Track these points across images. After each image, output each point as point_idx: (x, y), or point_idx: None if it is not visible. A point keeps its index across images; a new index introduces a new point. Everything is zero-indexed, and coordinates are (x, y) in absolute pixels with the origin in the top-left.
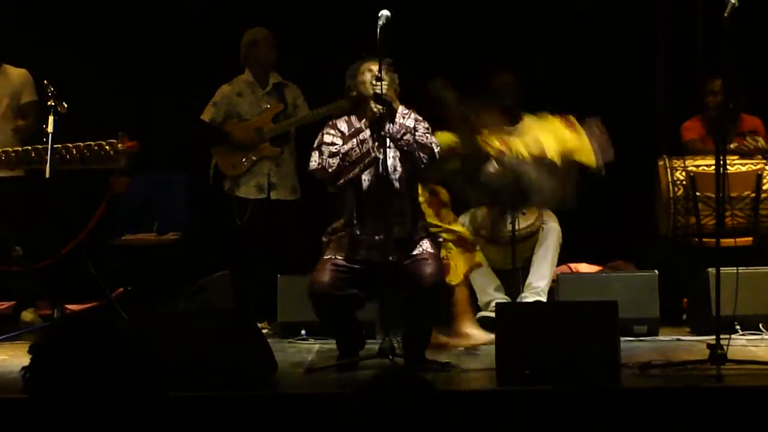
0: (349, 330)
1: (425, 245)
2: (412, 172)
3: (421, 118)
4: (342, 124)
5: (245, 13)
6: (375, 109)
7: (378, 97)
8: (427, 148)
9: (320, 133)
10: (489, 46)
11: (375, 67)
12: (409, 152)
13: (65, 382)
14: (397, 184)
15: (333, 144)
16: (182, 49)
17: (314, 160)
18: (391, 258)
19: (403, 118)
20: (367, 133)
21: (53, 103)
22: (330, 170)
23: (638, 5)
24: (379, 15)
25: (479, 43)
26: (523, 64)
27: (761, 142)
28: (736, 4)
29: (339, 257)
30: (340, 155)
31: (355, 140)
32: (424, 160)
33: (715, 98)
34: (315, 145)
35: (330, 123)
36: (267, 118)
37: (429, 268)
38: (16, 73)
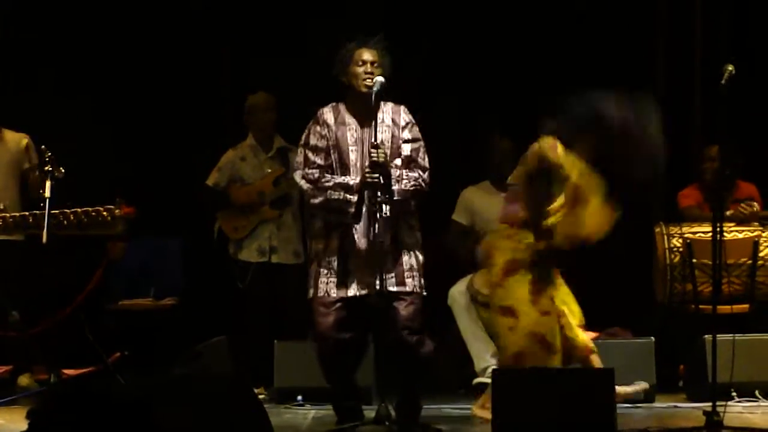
0: (350, 382)
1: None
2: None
3: (411, 124)
4: (328, 115)
5: (250, 76)
6: (370, 179)
7: (374, 165)
8: (417, 194)
9: (306, 129)
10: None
11: (369, 57)
12: (403, 209)
13: None
14: (383, 240)
15: (316, 149)
16: (183, 113)
17: (298, 162)
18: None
19: (396, 127)
20: (354, 198)
21: (50, 168)
22: (306, 188)
23: (636, 73)
24: (375, 80)
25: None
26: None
27: (756, 207)
28: (733, 72)
29: (332, 293)
30: (319, 183)
31: (339, 193)
32: (413, 205)
33: (713, 164)
34: (300, 141)
35: (317, 115)
36: (268, 182)
37: (427, 347)
38: (16, 138)
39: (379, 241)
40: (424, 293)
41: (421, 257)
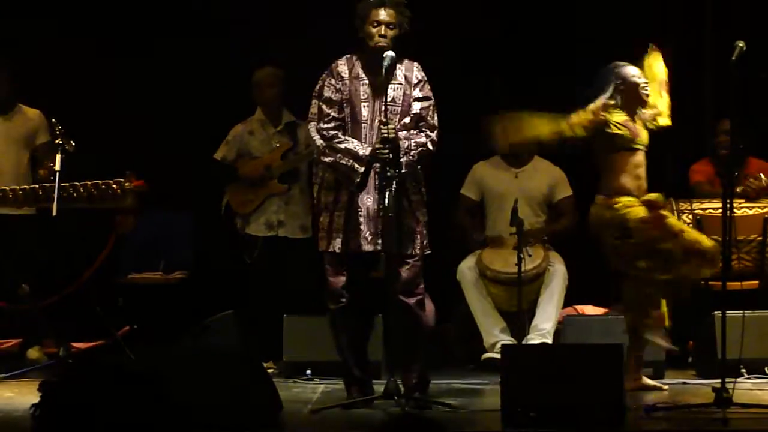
0: (360, 352)
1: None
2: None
3: (423, 82)
4: (342, 68)
5: (261, 52)
6: (381, 155)
7: (385, 141)
8: (424, 158)
9: (320, 80)
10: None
11: (383, 17)
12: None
13: (74, 420)
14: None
15: (330, 102)
16: (194, 86)
17: (312, 114)
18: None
19: (408, 85)
20: (361, 169)
21: (61, 142)
22: (319, 144)
23: (645, 48)
24: (384, 56)
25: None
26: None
27: (764, 180)
28: (744, 48)
29: (337, 249)
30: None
31: (348, 160)
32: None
33: (725, 139)
34: (315, 92)
35: (331, 67)
36: (276, 156)
37: (428, 312)
38: (31, 114)
39: (388, 214)
40: (427, 252)
41: (424, 217)
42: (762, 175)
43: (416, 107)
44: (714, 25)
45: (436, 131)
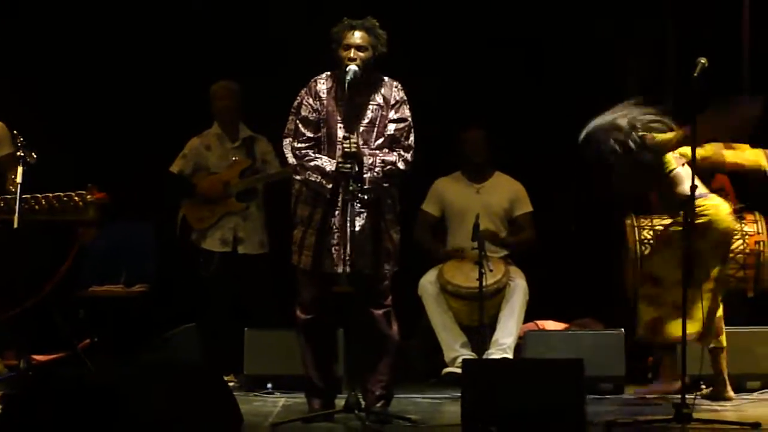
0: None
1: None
2: (379, 212)
3: (400, 104)
4: (321, 86)
5: (221, 64)
6: (344, 168)
7: (347, 156)
8: (393, 177)
9: (299, 96)
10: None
11: (354, 41)
12: (374, 196)
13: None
14: (357, 227)
15: (306, 122)
16: (153, 100)
17: (288, 130)
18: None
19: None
20: (329, 185)
21: (23, 154)
22: (291, 162)
23: (606, 63)
24: (347, 70)
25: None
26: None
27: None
28: (706, 64)
29: (307, 267)
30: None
31: (316, 176)
32: (391, 186)
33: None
34: (293, 108)
35: (310, 85)
36: (234, 173)
37: (394, 326)
38: None
39: (351, 229)
40: (395, 269)
41: (397, 235)
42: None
43: (391, 128)
44: (677, 42)
45: (410, 152)
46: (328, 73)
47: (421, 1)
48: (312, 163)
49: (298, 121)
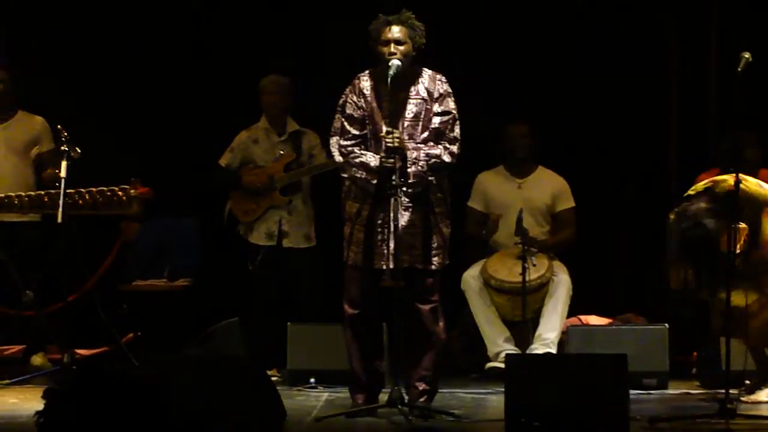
0: (370, 359)
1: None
2: (427, 205)
3: (444, 96)
4: (365, 83)
5: (269, 58)
6: (387, 163)
7: (389, 151)
8: (438, 170)
9: (343, 95)
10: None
11: (393, 35)
12: (421, 189)
13: (79, 428)
14: (404, 222)
15: (351, 120)
16: (199, 94)
17: (335, 128)
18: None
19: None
20: (374, 180)
21: (66, 149)
22: (338, 161)
23: (649, 60)
24: (390, 65)
25: (495, 95)
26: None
27: None
28: (750, 59)
29: (359, 263)
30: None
31: (362, 173)
32: (439, 179)
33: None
34: (338, 106)
35: (354, 82)
36: (279, 167)
37: (441, 322)
38: (34, 121)
39: (395, 224)
40: (447, 262)
41: (447, 229)
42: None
43: (435, 121)
44: (720, 35)
45: (456, 144)
46: (371, 70)
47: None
48: (357, 160)
49: (343, 119)
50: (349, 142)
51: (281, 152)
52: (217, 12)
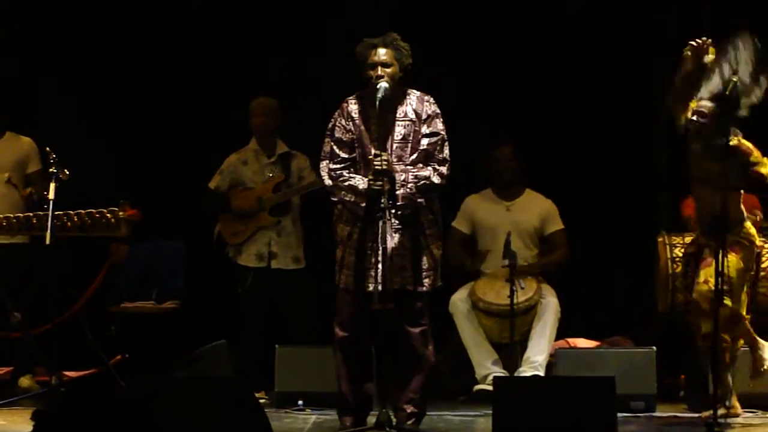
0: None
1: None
2: (418, 227)
3: (432, 117)
4: (353, 107)
5: (258, 81)
6: (375, 186)
7: (377, 173)
8: (427, 192)
9: (333, 119)
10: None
11: (379, 58)
12: (411, 211)
13: None
14: (394, 244)
15: (341, 143)
16: (188, 115)
17: (324, 152)
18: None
19: (417, 121)
20: (363, 203)
21: (55, 170)
22: (327, 184)
23: (638, 77)
24: (378, 88)
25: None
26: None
27: (759, 217)
28: (738, 83)
29: (350, 286)
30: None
31: (351, 196)
32: (429, 200)
33: None
34: (327, 130)
35: (342, 106)
36: (268, 188)
37: (430, 345)
38: (22, 142)
39: (383, 247)
40: (439, 284)
41: (438, 250)
42: (757, 211)
43: (424, 143)
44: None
45: (446, 165)
46: (359, 93)
47: (449, 18)
48: (346, 183)
49: (332, 143)
50: (338, 166)
51: (270, 174)
52: (206, 34)
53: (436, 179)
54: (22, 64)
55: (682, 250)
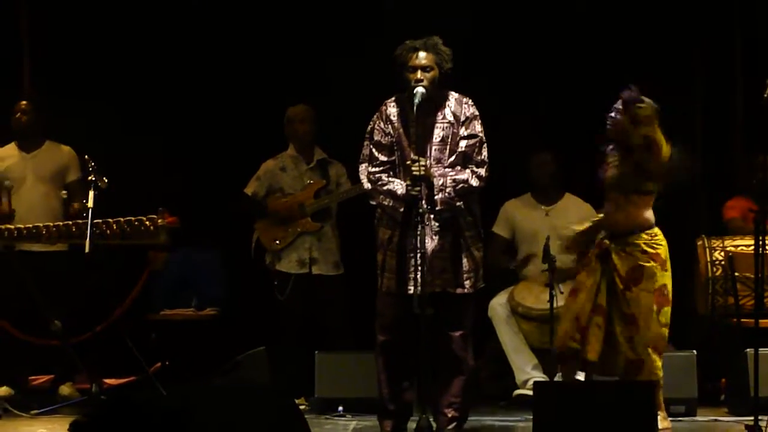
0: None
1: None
2: (457, 230)
3: (471, 119)
4: (392, 110)
5: (293, 90)
6: (414, 192)
7: (415, 179)
8: (466, 194)
9: (372, 122)
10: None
11: (419, 62)
12: (450, 214)
13: None
14: (434, 247)
15: (380, 146)
16: (226, 124)
17: (363, 155)
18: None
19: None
20: (401, 208)
21: (94, 179)
22: (367, 188)
23: (676, 84)
24: (415, 92)
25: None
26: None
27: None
28: None
29: (392, 289)
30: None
31: (389, 200)
32: (466, 203)
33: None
34: (367, 133)
35: (381, 109)
36: (309, 194)
37: (470, 349)
38: (62, 151)
39: (422, 251)
40: (481, 285)
41: (479, 252)
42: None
43: (462, 145)
44: (744, 62)
45: (484, 167)
46: (398, 95)
47: (493, 23)
48: (385, 188)
49: (371, 146)
50: (377, 169)
51: (310, 180)
52: (239, 42)
53: (474, 182)
54: (60, 72)
55: (722, 254)
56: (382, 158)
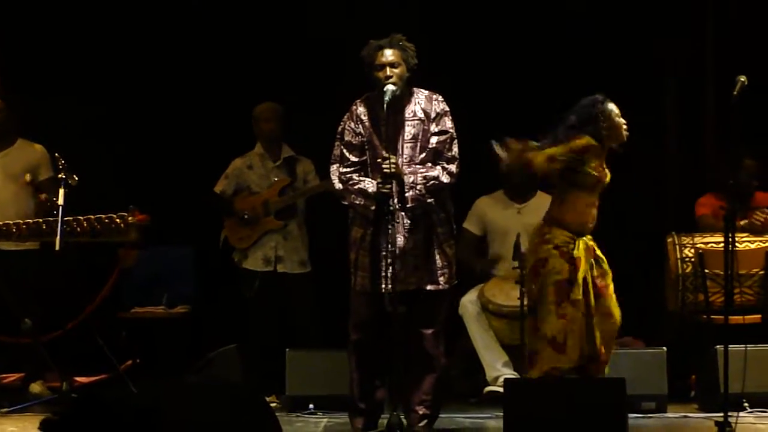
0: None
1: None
2: (429, 227)
3: (441, 116)
4: (362, 109)
5: (261, 87)
6: (384, 189)
7: (385, 177)
8: (437, 191)
9: (342, 122)
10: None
11: (386, 59)
12: (422, 211)
13: None
14: (405, 244)
15: (351, 147)
16: (195, 121)
17: (335, 156)
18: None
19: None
20: (372, 206)
21: (64, 176)
22: (338, 188)
23: (647, 81)
24: (385, 90)
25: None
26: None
27: (754, 215)
28: (746, 82)
29: (366, 287)
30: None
31: (360, 199)
32: (437, 200)
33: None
34: (337, 134)
35: (351, 109)
36: (274, 192)
37: (441, 346)
38: (34, 149)
39: (392, 249)
40: (455, 282)
41: (451, 249)
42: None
43: (433, 141)
44: (716, 59)
45: (454, 163)
46: (368, 95)
47: (461, 20)
48: (355, 187)
49: (342, 147)
50: (348, 169)
51: (276, 178)
52: (209, 39)
53: (445, 178)
54: (31, 71)
55: (692, 251)
56: (353, 158)
